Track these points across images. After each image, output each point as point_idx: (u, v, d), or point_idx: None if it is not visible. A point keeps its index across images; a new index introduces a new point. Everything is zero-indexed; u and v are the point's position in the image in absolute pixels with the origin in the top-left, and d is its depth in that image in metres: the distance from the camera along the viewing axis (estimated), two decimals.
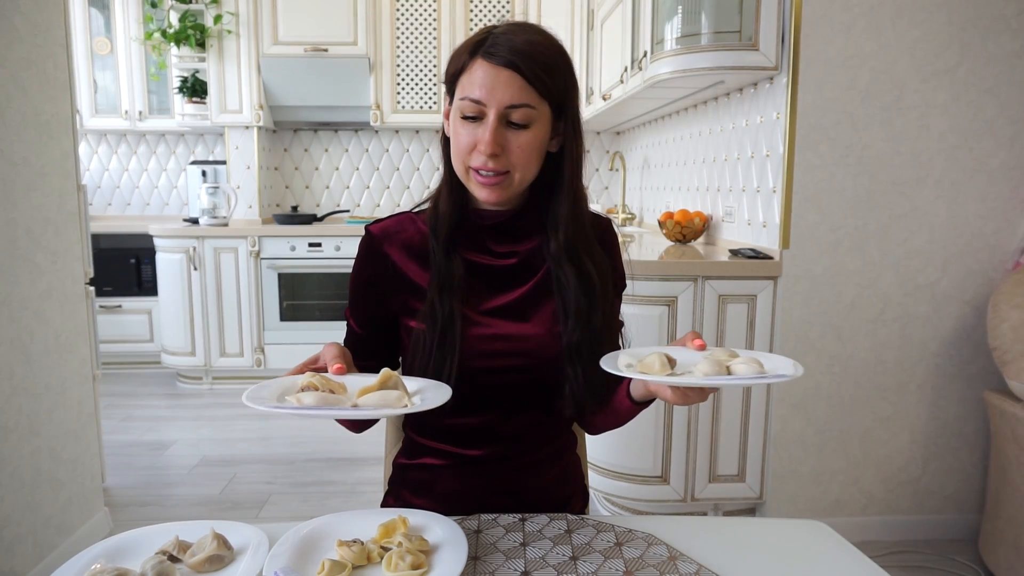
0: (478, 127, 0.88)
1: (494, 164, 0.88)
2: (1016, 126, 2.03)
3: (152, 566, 0.70)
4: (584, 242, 0.96)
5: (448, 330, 0.91)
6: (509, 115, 0.87)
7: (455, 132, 0.91)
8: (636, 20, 2.56)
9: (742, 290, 2.07)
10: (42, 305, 1.91)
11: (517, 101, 0.87)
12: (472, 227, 0.98)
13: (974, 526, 2.14)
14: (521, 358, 0.95)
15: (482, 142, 0.87)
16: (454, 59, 0.91)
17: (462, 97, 0.88)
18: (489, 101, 0.86)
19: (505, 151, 0.88)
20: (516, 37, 0.87)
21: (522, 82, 0.86)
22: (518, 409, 0.98)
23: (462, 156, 0.90)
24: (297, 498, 2.51)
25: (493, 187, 0.90)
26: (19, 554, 1.78)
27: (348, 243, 3.80)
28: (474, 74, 0.87)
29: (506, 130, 0.88)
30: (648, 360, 0.78)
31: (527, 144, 0.89)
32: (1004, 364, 1.86)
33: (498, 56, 0.86)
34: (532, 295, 0.97)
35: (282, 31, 3.88)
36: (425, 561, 0.73)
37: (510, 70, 0.86)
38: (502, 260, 0.98)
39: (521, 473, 1.00)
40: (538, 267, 0.98)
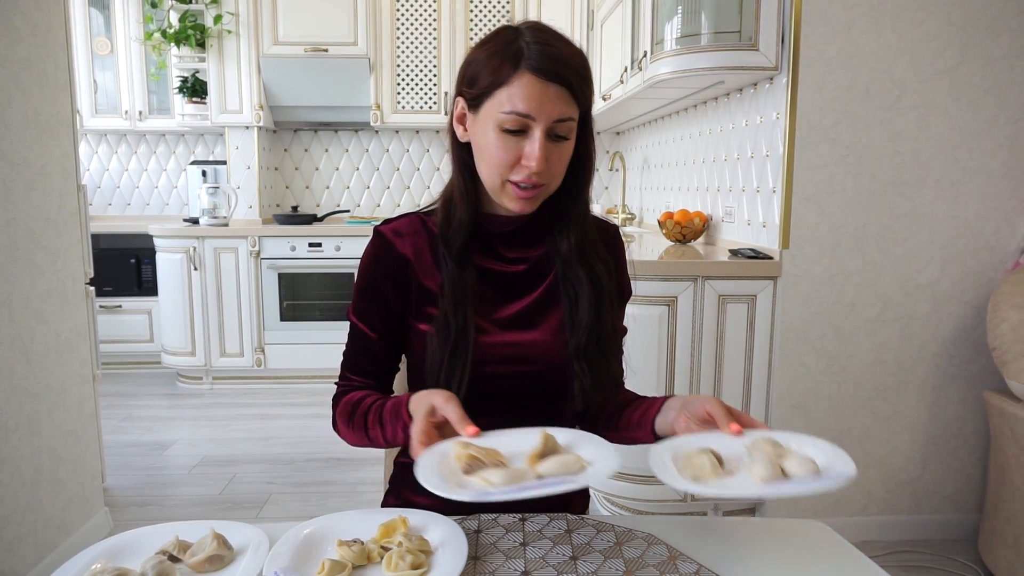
0: (521, 141, 0.86)
1: (537, 178, 0.87)
2: (1016, 126, 2.03)
3: (152, 566, 0.70)
4: (592, 243, 0.97)
5: (461, 342, 0.91)
6: (554, 129, 0.86)
7: (489, 144, 0.88)
8: (636, 20, 2.56)
9: (742, 290, 2.07)
10: (42, 305, 1.91)
11: (564, 115, 0.86)
12: (484, 233, 0.97)
13: (974, 526, 2.14)
14: (528, 364, 0.96)
15: (531, 158, 0.85)
16: (485, 70, 0.87)
17: (506, 111, 0.85)
18: (539, 116, 0.84)
19: (548, 164, 0.87)
20: (554, 48, 0.85)
21: (569, 96, 0.86)
22: (522, 413, 0.98)
23: (501, 169, 0.88)
24: (297, 498, 2.51)
25: (530, 199, 0.90)
26: (19, 554, 1.78)
27: (348, 243, 3.81)
28: (520, 88, 0.84)
29: (548, 142, 0.87)
30: (698, 463, 0.76)
31: (566, 155, 0.90)
32: (1004, 364, 1.86)
33: (546, 71, 0.84)
34: (540, 302, 0.97)
35: (282, 31, 3.88)
36: (425, 561, 0.73)
37: (559, 85, 0.85)
38: (512, 267, 0.98)
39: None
40: (546, 274, 0.98)
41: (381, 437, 0.92)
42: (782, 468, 0.73)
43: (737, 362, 2.11)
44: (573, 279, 0.95)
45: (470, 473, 0.73)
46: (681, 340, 2.08)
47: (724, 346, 2.09)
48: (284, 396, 3.71)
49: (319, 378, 3.87)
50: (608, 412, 1.02)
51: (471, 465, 0.73)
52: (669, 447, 0.81)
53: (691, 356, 2.09)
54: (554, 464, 0.73)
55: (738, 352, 2.10)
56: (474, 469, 0.73)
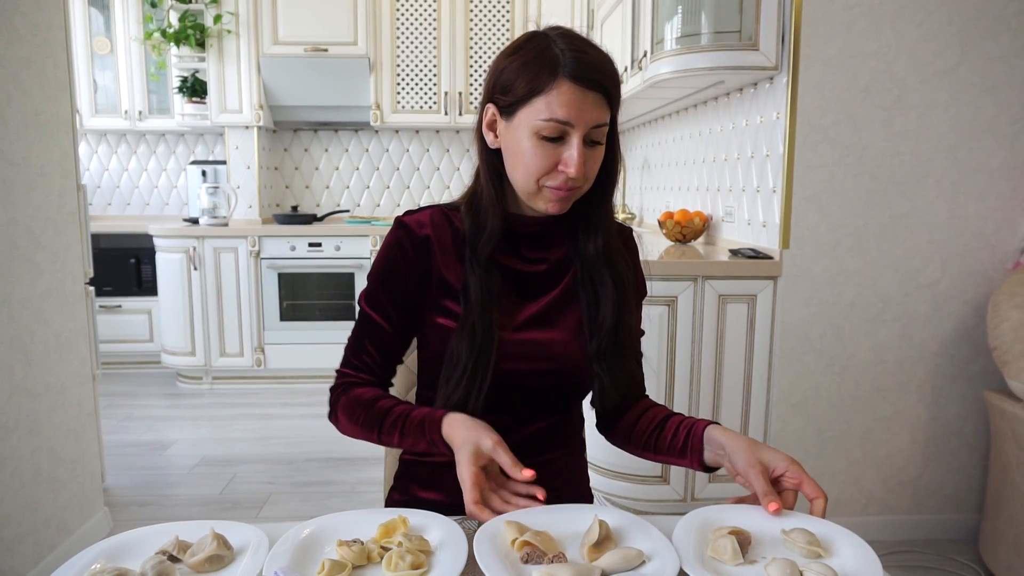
0: (559, 147, 0.88)
1: (574, 183, 0.89)
2: (1016, 126, 2.03)
3: (152, 566, 0.70)
4: (617, 245, 1.01)
5: (485, 347, 0.92)
6: (591, 135, 0.88)
7: (526, 150, 0.89)
8: (636, 20, 2.56)
9: (742, 290, 2.07)
10: (42, 305, 1.91)
11: (601, 121, 0.88)
12: (509, 233, 0.98)
13: (974, 526, 2.14)
14: (546, 362, 0.97)
15: (570, 164, 0.87)
16: (522, 79, 0.87)
17: (545, 118, 0.86)
18: (578, 123, 0.86)
19: (584, 168, 0.89)
20: (589, 55, 0.87)
21: (605, 102, 0.88)
22: (537, 412, 1.01)
23: (537, 174, 0.89)
24: (297, 498, 2.51)
25: (564, 201, 0.92)
26: (19, 554, 1.78)
27: (348, 243, 3.81)
28: (559, 95, 0.85)
29: (585, 147, 0.88)
30: (720, 545, 0.75)
31: (600, 158, 0.92)
32: (1004, 364, 1.86)
33: (585, 78, 0.85)
34: (559, 302, 0.99)
35: (282, 31, 3.88)
36: (425, 561, 0.73)
37: (597, 92, 0.86)
38: (533, 267, 0.99)
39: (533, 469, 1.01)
40: (564, 273, 1.00)
41: (396, 442, 0.94)
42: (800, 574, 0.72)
43: (737, 362, 2.11)
44: (597, 280, 0.97)
45: (529, 562, 0.73)
46: (681, 340, 2.08)
47: (724, 346, 2.09)
48: (284, 396, 3.71)
49: (319, 378, 3.87)
50: (643, 432, 1.01)
51: (530, 554, 0.74)
52: (702, 518, 0.81)
53: (691, 356, 2.09)
54: (616, 559, 0.73)
55: (738, 352, 2.10)
56: (532, 558, 0.73)
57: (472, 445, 0.83)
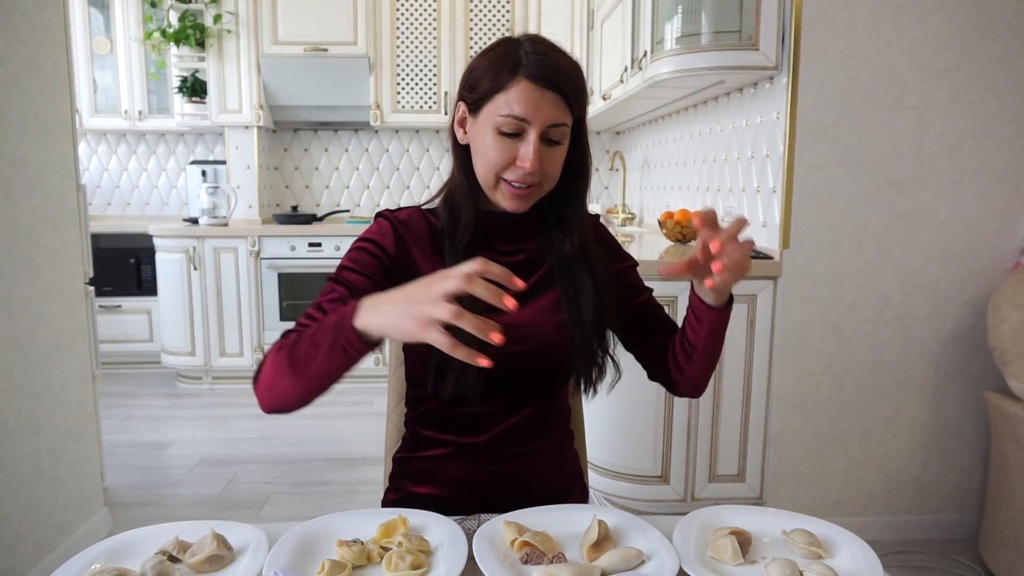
0: (516, 143, 0.91)
1: (531, 178, 0.92)
2: (1016, 126, 2.03)
3: (152, 566, 0.70)
4: (593, 244, 1.04)
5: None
6: (548, 133, 0.92)
7: (486, 145, 0.93)
8: (636, 20, 2.56)
9: (742, 290, 2.07)
10: (42, 305, 1.91)
11: (558, 121, 0.91)
12: (481, 228, 1.01)
13: (974, 526, 2.14)
14: (525, 344, 0.98)
15: (524, 159, 0.91)
16: (486, 76, 0.92)
17: (503, 114, 0.90)
18: (534, 120, 0.90)
19: (541, 165, 0.92)
20: (551, 58, 0.90)
21: (563, 103, 0.91)
22: (522, 399, 1.03)
23: (495, 168, 0.93)
24: (297, 498, 2.51)
25: (524, 198, 0.95)
26: (19, 554, 1.78)
27: (348, 243, 3.78)
28: (517, 93, 0.89)
29: (542, 146, 0.92)
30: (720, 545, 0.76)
31: (559, 158, 0.95)
32: (1004, 364, 1.86)
33: (543, 78, 0.89)
34: (534, 289, 1.01)
35: (282, 31, 3.88)
36: (425, 561, 0.73)
37: (555, 92, 0.90)
38: (509, 257, 1.02)
39: (521, 460, 1.03)
40: (539, 264, 1.03)
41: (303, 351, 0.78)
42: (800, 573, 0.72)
43: (737, 362, 2.10)
44: (576, 280, 1.00)
45: (529, 563, 0.73)
46: None
47: (724, 346, 2.09)
48: None
49: None
50: (680, 351, 1.05)
51: (529, 555, 0.74)
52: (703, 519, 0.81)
53: None
54: (615, 559, 0.73)
55: (738, 352, 2.10)
56: (532, 559, 0.74)
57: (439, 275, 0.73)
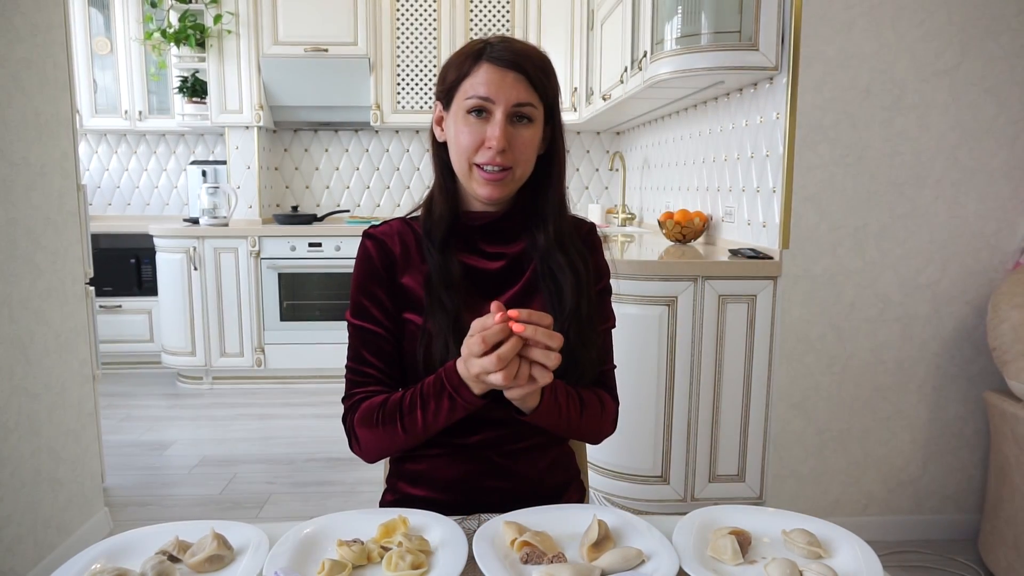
0: (484, 124, 0.93)
1: (501, 159, 0.93)
2: (1016, 126, 2.03)
3: (152, 566, 0.70)
4: (570, 235, 1.03)
5: (459, 319, 0.94)
6: (515, 112, 0.93)
7: (457, 132, 0.95)
8: (636, 20, 2.56)
9: (742, 290, 2.07)
10: (42, 305, 1.91)
11: (523, 100, 0.93)
12: (464, 229, 1.02)
13: (974, 526, 2.14)
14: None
15: (492, 138, 0.92)
16: (453, 68, 0.96)
17: (469, 96, 0.92)
18: (498, 99, 0.92)
19: (511, 147, 0.93)
20: (514, 44, 0.94)
21: (527, 83, 0.93)
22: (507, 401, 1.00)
23: (467, 154, 0.94)
24: (297, 498, 2.51)
25: (497, 183, 0.95)
26: (19, 554, 1.78)
27: (348, 243, 3.80)
28: (481, 75, 0.93)
29: (510, 127, 0.93)
30: (720, 544, 0.76)
31: (530, 140, 0.96)
32: (1004, 364, 1.86)
33: (504, 59, 0.92)
34: (519, 296, 1.02)
35: (282, 31, 3.88)
36: (425, 561, 0.73)
37: (516, 72, 0.92)
38: (492, 263, 1.02)
39: (514, 458, 1.02)
40: (524, 270, 1.03)
41: (419, 421, 0.91)
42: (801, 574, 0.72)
43: (737, 362, 2.11)
44: (555, 268, 1.00)
45: (529, 563, 0.73)
46: (681, 340, 2.08)
47: (724, 346, 2.09)
48: (284, 396, 3.71)
49: (319, 378, 3.87)
50: None
51: (529, 555, 0.74)
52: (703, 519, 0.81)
53: (691, 356, 2.09)
54: (615, 559, 0.73)
55: (738, 352, 2.10)
56: (532, 558, 0.74)
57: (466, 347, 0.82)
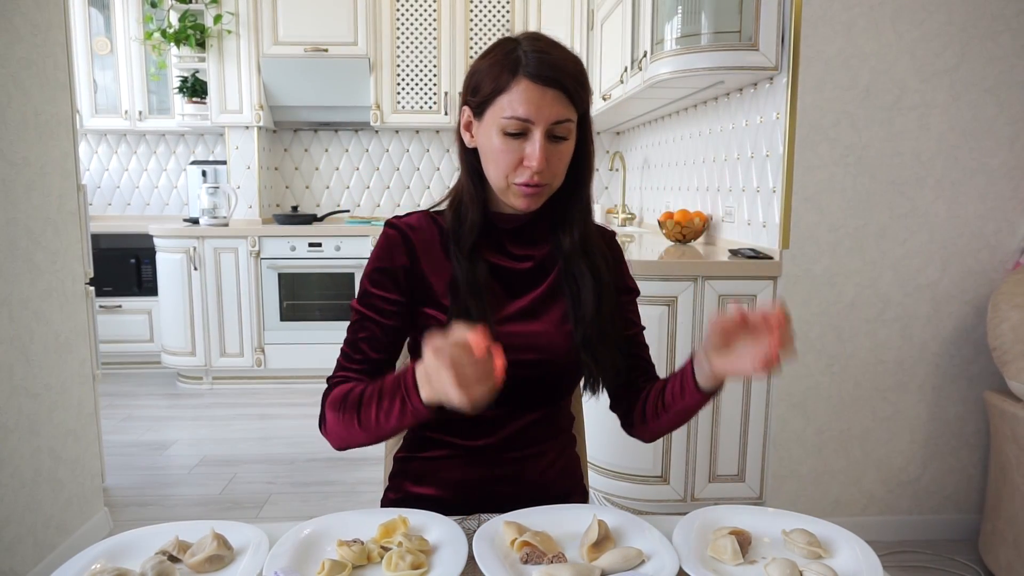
0: (523, 143, 0.91)
1: (539, 178, 0.92)
2: (1016, 126, 2.03)
3: (152, 566, 0.70)
4: (593, 239, 1.03)
5: (484, 324, 0.94)
6: (553, 130, 0.91)
7: (495, 148, 0.93)
8: (636, 20, 2.56)
9: (742, 290, 2.07)
10: (42, 305, 1.91)
11: (562, 117, 0.91)
12: (492, 230, 1.02)
13: (974, 526, 2.14)
14: (532, 353, 0.98)
15: (531, 158, 0.90)
16: (487, 79, 0.92)
17: (507, 116, 0.90)
18: (537, 119, 0.89)
19: (548, 164, 0.92)
20: (550, 55, 0.90)
21: (566, 99, 0.90)
22: (527, 404, 1.03)
23: (506, 171, 0.93)
24: (297, 498, 2.51)
25: (533, 197, 0.94)
26: (19, 554, 1.78)
27: (348, 243, 3.80)
28: (519, 93, 0.89)
29: (548, 144, 0.92)
30: (720, 544, 0.76)
31: (566, 155, 0.95)
32: (1004, 364, 1.86)
33: (543, 76, 0.89)
34: (544, 297, 1.02)
35: (282, 31, 3.88)
36: (425, 561, 0.73)
37: (555, 89, 0.89)
38: (519, 264, 1.02)
39: (523, 463, 1.03)
40: (549, 271, 1.03)
41: (375, 419, 0.88)
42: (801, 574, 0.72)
43: None
44: (576, 272, 1.01)
45: (529, 563, 0.73)
46: (681, 340, 2.08)
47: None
48: (284, 396, 3.71)
49: (319, 378, 3.86)
50: (652, 403, 1.02)
51: (529, 555, 0.74)
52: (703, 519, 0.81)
53: None
54: (616, 559, 0.73)
55: None
56: (532, 558, 0.74)
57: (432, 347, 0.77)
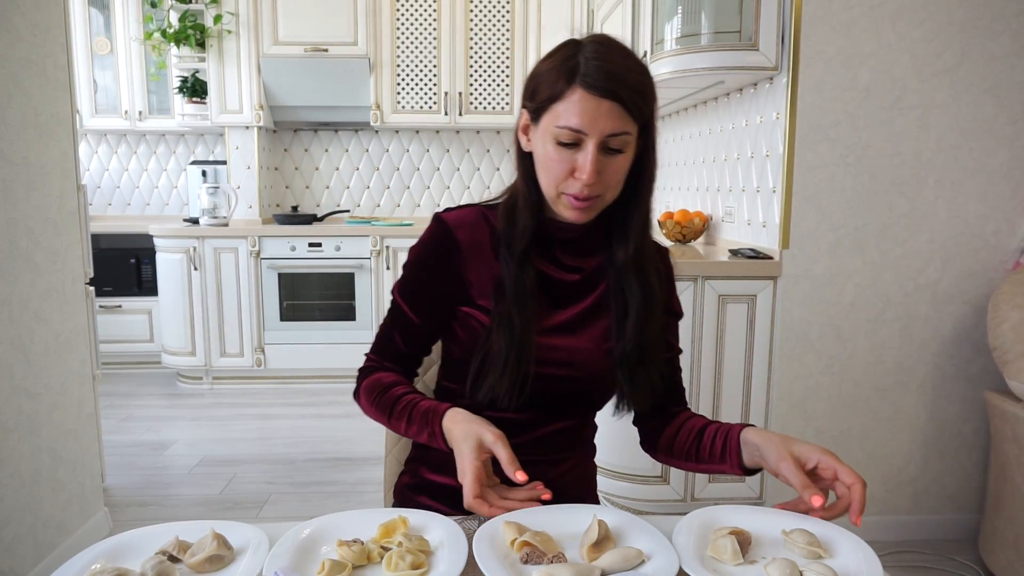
0: (575, 153, 0.88)
1: (590, 191, 0.89)
2: (1016, 126, 2.03)
3: (152, 566, 0.70)
4: (649, 256, 0.99)
5: (525, 340, 0.93)
6: (607, 143, 0.87)
7: (548, 156, 0.90)
8: (636, 20, 2.56)
9: (742, 290, 2.07)
10: (42, 305, 1.91)
11: (617, 130, 0.87)
12: (545, 237, 0.99)
13: (974, 526, 2.14)
14: (569, 369, 0.98)
15: (582, 171, 0.87)
16: (545, 84, 0.89)
17: (560, 125, 0.87)
18: (591, 131, 0.86)
19: (600, 177, 0.89)
20: (611, 63, 0.86)
21: (622, 111, 0.86)
22: (557, 414, 1.02)
23: (556, 181, 0.90)
24: (297, 498, 2.51)
25: (584, 210, 0.91)
26: (19, 554, 1.78)
27: (348, 243, 3.80)
28: (573, 103, 0.86)
29: (602, 155, 0.88)
30: (720, 545, 0.76)
31: (621, 168, 0.91)
32: (1004, 364, 1.86)
33: (599, 87, 0.85)
34: (587, 312, 1.00)
35: (282, 31, 3.88)
36: (425, 561, 0.73)
37: (612, 100, 0.85)
38: (567, 275, 1.00)
39: (543, 468, 1.02)
40: (596, 284, 1.01)
41: (403, 430, 0.96)
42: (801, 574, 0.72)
43: (737, 362, 2.11)
44: (626, 288, 0.97)
45: (529, 563, 0.73)
46: (681, 340, 2.08)
47: (724, 346, 2.09)
48: (284, 396, 3.71)
49: (319, 378, 3.87)
50: (682, 442, 1.01)
51: (529, 555, 0.74)
52: (703, 519, 0.81)
53: (691, 356, 2.09)
54: (616, 559, 0.73)
55: (738, 352, 2.10)
56: (532, 558, 0.74)
57: (475, 438, 0.85)
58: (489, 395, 0.95)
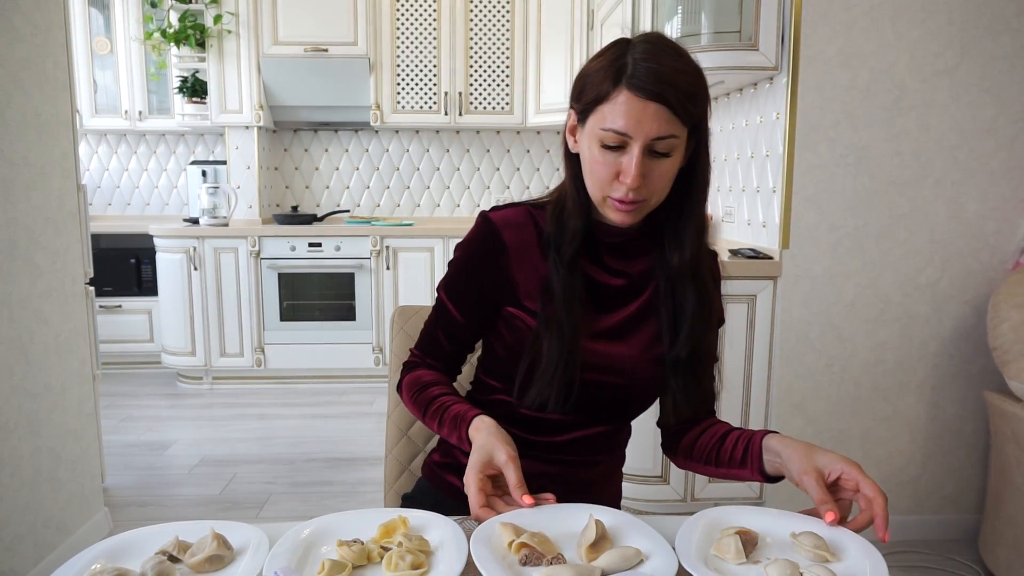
0: (620, 156, 0.86)
1: (635, 194, 0.87)
2: (1016, 126, 2.03)
3: (152, 566, 0.70)
4: (706, 261, 0.98)
5: (575, 345, 0.92)
6: (654, 146, 0.85)
7: (593, 159, 0.89)
8: (636, 20, 2.56)
9: (742, 290, 2.07)
10: (42, 305, 1.91)
11: (663, 133, 0.84)
12: (592, 240, 0.98)
13: (974, 526, 2.14)
14: (614, 376, 0.97)
15: (627, 174, 0.86)
16: (592, 84, 0.87)
17: (605, 127, 0.85)
18: (636, 134, 0.84)
19: (646, 181, 0.87)
20: (659, 63, 0.83)
21: (669, 114, 0.84)
22: (598, 418, 1.01)
23: (601, 185, 0.89)
24: (297, 498, 2.51)
25: (629, 213, 0.90)
26: (19, 554, 1.78)
27: (348, 243, 3.81)
28: (619, 105, 0.84)
29: (648, 159, 0.86)
30: (724, 543, 0.76)
31: (668, 172, 0.89)
32: (1004, 364, 1.86)
33: (646, 88, 0.82)
34: (633, 317, 0.98)
35: (282, 31, 3.88)
36: (425, 561, 0.73)
37: (659, 103, 0.83)
38: (613, 279, 0.99)
39: (576, 469, 1.02)
40: (643, 289, 0.99)
41: (435, 428, 0.99)
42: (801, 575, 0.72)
43: (737, 362, 2.11)
44: (679, 294, 0.96)
45: (528, 564, 0.73)
46: None
47: (724, 346, 2.09)
48: (284, 396, 3.71)
49: (319, 378, 3.87)
50: (703, 447, 1.01)
51: (528, 556, 0.74)
52: (709, 518, 0.81)
53: None
54: (615, 559, 0.73)
55: (738, 352, 2.10)
56: (531, 560, 0.74)
57: (485, 453, 0.85)
58: (538, 400, 0.94)
